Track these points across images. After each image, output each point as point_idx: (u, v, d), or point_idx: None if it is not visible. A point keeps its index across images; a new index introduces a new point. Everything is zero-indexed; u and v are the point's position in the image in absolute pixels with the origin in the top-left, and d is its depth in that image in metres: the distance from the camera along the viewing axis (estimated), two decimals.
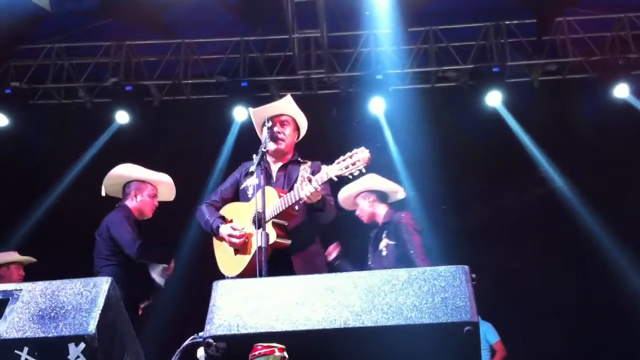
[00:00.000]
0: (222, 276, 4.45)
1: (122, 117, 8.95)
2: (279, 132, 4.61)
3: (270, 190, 4.27)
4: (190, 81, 9.11)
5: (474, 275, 2.80)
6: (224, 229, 4.38)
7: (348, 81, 8.97)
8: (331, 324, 2.76)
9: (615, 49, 8.57)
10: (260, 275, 3.79)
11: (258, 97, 8.86)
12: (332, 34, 8.58)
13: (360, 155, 4.00)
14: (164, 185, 5.73)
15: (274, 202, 4.22)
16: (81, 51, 9.16)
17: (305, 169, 4.52)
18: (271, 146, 4.50)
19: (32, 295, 3.09)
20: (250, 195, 4.53)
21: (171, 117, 9.10)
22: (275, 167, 4.64)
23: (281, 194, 4.27)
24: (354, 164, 3.99)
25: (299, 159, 4.71)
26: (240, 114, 8.82)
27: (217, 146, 9.05)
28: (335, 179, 4.07)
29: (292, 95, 8.82)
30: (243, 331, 2.81)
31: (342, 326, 2.74)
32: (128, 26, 8.81)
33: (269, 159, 4.59)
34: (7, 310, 3.06)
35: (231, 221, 4.47)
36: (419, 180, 8.64)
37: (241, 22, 8.82)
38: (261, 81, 8.98)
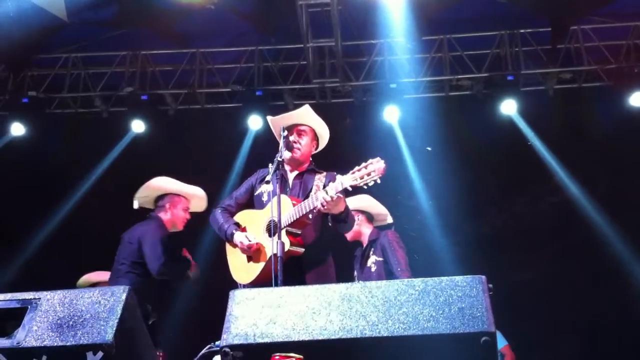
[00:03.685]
0: (235, 285, 4.45)
1: (137, 126, 9.01)
2: (295, 142, 4.62)
3: (284, 199, 4.26)
4: (205, 90, 9.16)
5: (490, 285, 2.79)
6: (238, 236, 4.38)
7: (362, 90, 9.00)
8: (347, 334, 2.76)
9: (630, 57, 8.53)
10: (276, 284, 3.79)
11: (272, 105, 8.90)
12: (346, 43, 8.60)
13: (376, 165, 3.98)
14: (197, 199, 5.78)
15: (288, 210, 4.22)
16: (97, 61, 9.25)
17: (320, 179, 4.54)
18: (286, 155, 4.48)
19: (50, 304, 3.12)
20: (264, 202, 4.53)
21: (186, 126, 9.14)
22: (291, 176, 4.65)
23: (295, 202, 4.28)
24: (369, 174, 3.97)
25: (315, 168, 4.72)
26: (254, 122, 8.84)
27: (232, 155, 9.08)
28: (350, 188, 4.05)
29: (306, 104, 8.89)
30: (260, 340, 2.83)
31: (359, 336, 2.75)
32: (144, 36, 8.88)
33: (286, 167, 4.61)
34: (25, 318, 3.10)
35: (245, 229, 4.48)
36: (433, 189, 8.63)
37: (256, 32, 8.87)
38: (276, 90, 9.02)
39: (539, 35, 8.74)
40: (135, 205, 5.63)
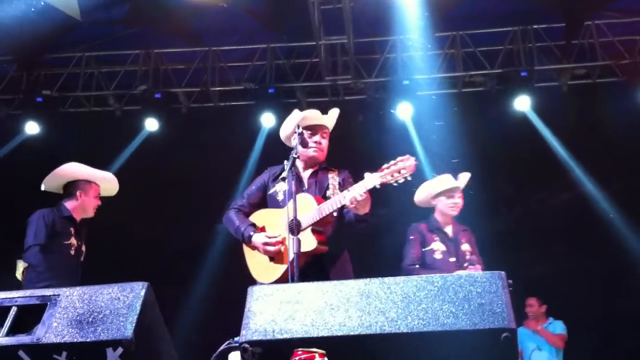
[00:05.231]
0: (254, 280, 4.45)
1: (151, 125, 9.04)
2: (319, 143, 4.63)
3: (306, 197, 4.30)
4: (218, 88, 9.18)
5: (510, 281, 2.78)
6: (258, 238, 4.35)
7: (374, 87, 8.99)
8: (367, 330, 2.76)
9: None
10: (294, 282, 3.79)
11: (285, 103, 8.91)
12: (358, 40, 8.58)
13: (407, 163, 3.98)
14: (108, 183, 5.69)
15: (312, 208, 4.21)
16: (111, 59, 9.29)
17: (333, 177, 4.54)
18: (311, 153, 4.56)
19: (70, 300, 3.14)
20: (280, 201, 4.51)
21: (199, 124, 9.16)
22: (305, 174, 4.64)
23: (320, 201, 4.28)
24: (399, 172, 3.96)
25: (328, 166, 4.71)
26: (267, 120, 8.85)
27: (245, 152, 9.10)
28: (379, 186, 4.03)
29: (318, 102, 8.92)
30: (279, 336, 2.83)
31: (378, 332, 2.75)
32: (156, 34, 8.91)
33: (299, 164, 4.62)
34: (45, 315, 3.12)
35: (263, 229, 4.45)
36: None
37: (268, 29, 8.87)
38: (288, 88, 9.03)
39: (553, 31, 8.70)
40: (43, 187, 5.55)
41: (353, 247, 4.62)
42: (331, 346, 2.75)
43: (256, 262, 4.45)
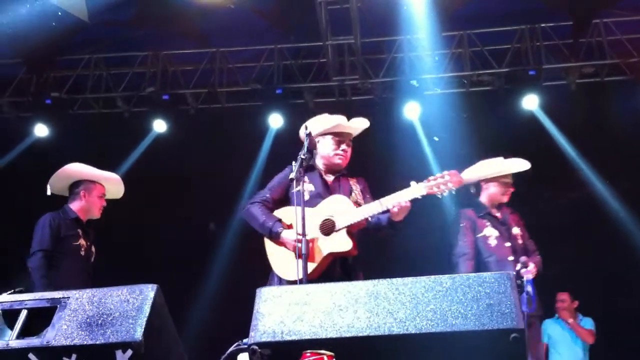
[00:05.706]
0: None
1: (159, 126, 9.08)
2: (346, 151, 4.69)
3: (342, 199, 4.40)
4: (225, 89, 9.19)
5: (519, 282, 2.77)
6: (288, 235, 4.34)
7: (382, 87, 8.98)
8: (375, 331, 2.76)
9: None
10: (301, 282, 3.81)
11: (292, 104, 8.93)
12: (365, 40, 8.58)
13: (454, 178, 4.19)
14: (113, 184, 5.68)
15: (348, 210, 4.31)
16: (119, 61, 9.33)
17: (354, 183, 4.66)
18: (336, 161, 4.63)
19: (79, 302, 3.15)
20: (306, 200, 4.47)
21: (207, 125, 9.19)
22: (328, 178, 4.70)
23: (357, 204, 4.39)
24: (445, 184, 4.16)
25: (347, 173, 4.79)
26: (275, 121, 8.87)
27: (253, 153, 9.12)
28: (420, 197, 4.21)
29: (326, 102, 8.92)
30: (287, 338, 2.84)
31: (386, 333, 2.75)
32: (164, 36, 8.94)
33: (321, 167, 4.70)
34: (55, 317, 3.13)
35: (290, 226, 4.44)
36: None
37: (275, 30, 8.88)
38: (295, 88, 9.03)
39: (560, 30, 8.67)
40: (49, 191, 5.57)
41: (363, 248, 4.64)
42: (340, 347, 2.75)
43: (281, 259, 4.44)
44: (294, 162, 4.32)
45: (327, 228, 4.32)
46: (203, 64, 9.18)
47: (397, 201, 4.17)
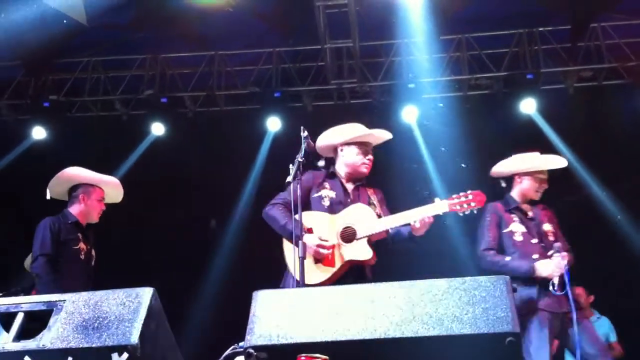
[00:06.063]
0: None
1: (157, 129, 9.09)
2: (371, 160, 4.80)
3: (365, 208, 4.48)
4: (223, 92, 9.20)
5: (514, 286, 2.78)
6: (311, 239, 4.36)
7: (380, 90, 8.99)
8: (371, 335, 2.76)
9: None
10: (299, 286, 3.81)
11: (291, 107, 8.94)
12: (363, 44, 8.59)
13: (478, 198, 4.35)
14: (112, 188, 5.67)
15: (370, 219, 4.40)
16: (117, 64, 9.33)
17: (372, 194, 4.75)
18: (362, 170, 4.74)
19: (75, 305, 3.15)
20: (326, 206, 4.59)
21: (205, 128, 9.19)
22: (349, 186, 4.77)
23: (379, 214, 4.49)
24: (468, 204, 4.31)
25: (365, 183, 4.87)
26: (273, 124, 8.88)
27: (252, 156, 9.12)
28: (441, 214, 4.33)
29: (324, 105, 8.93)
30: (283, 341, 2.84)
31: (383, 336, 2.75)
32: (162, 39, 8.94)
33: (343, 176, 4.78)
34: (51, 320, 3.13)
35: (310, 230, 4.47)
36: (452, 188, 8.57)
37: (273, 33, 8.89)
38: (294, 91, 9.05)
39: (558, 33, 8.69)
40: (48, 195, 5.57)
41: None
42: (336, 351, 2.76)
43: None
44: (291, 165, 4.32)
45: (348, 236, 4.39)
46: (201, 66, 9.19)
47: (421, 216, 4.27)
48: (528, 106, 8.56)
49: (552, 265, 4.93)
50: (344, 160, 4.76)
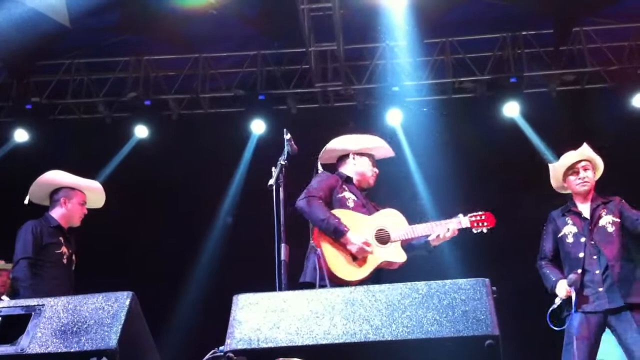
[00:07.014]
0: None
1: (141, 131, 9.04)
2: (377, 172, 4.98)
3: (397, 214, 4.70)
4: (208, 95, 9.18)
5: (494, 288, 2.78)
6: (354, 237, 4.43)
7: (365, 93, 9.01)
8: (351, 338, 2.76)
9: (633, 58, 8.55)
10: (280, 288, 3.80)
11: (275, 110, 8.93)
12: (348, 47, 8.61)
13: (490, 219, 4.68)
14: (94, 193, 5.60)
15: (402, 225, 4.63)
16: (100, 66, 9.28)
17: (375, 206, 4.89)
18: (371, 181, 4.93)
19: (54, 310, 3.12)
20: (351, 207, 4.68)
21: (190, 131, 9.15)
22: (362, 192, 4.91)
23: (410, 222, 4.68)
24: (482, 223, 4.65)
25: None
26: (257, 126, 8.86)
27: (236, 159, 9.10)
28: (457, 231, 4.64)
29: (309, 108, 8.92)
30: (263, 345, 2.82)
31: (362, 340, 2.74)
32: (146, 41, 8.91)
33: (356, 182, 4.89)
34: (29, 325, 3.10)
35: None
36: (436, 192, 8.61)
37: (258, 36, 8.89)
38: (278, 94, 9.04)
39: (542, 37, 8.75)
40: (26, 200, 5.51)
41: None
42: (316, 354, 2.75)
43: (338, 257, 4.48)
44: (273, 168, 4.30)
45: (382, 238, 4.55)
46: (186, 69, 9.18)
47: (451, 229, 4.59)
48: (511, 109, 8.60)
49: (562, 288, 5.03)
50: (356, 168, 4.90)
